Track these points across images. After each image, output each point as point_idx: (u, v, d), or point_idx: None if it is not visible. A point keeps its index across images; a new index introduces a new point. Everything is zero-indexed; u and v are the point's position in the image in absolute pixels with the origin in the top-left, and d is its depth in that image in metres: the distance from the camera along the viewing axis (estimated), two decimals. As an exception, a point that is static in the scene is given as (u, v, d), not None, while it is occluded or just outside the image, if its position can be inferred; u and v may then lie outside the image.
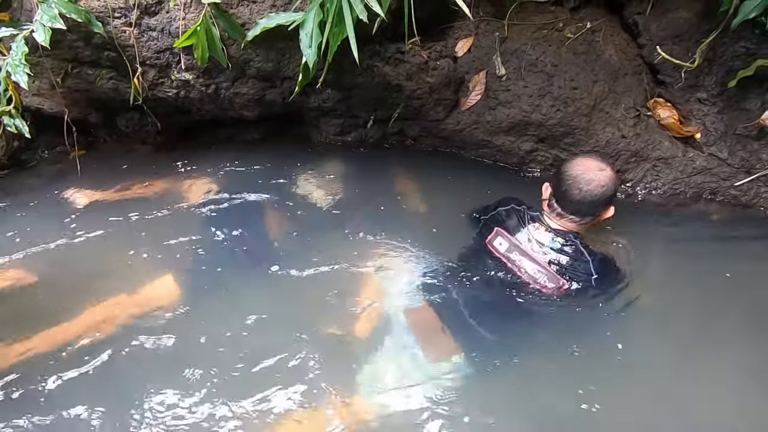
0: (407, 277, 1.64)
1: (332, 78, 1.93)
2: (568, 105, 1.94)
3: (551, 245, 1.46)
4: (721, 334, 1.50)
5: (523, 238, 1.50)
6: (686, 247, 1.81)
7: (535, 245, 1.48)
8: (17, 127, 1.90)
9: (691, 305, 1.59)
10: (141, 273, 1.66)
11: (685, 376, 1.39)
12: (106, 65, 1.96)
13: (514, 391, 1.34)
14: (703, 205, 1.96)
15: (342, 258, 1.71)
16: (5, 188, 2.09)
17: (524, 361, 1.39)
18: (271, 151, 2.33)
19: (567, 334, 1.45)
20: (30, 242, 1.78)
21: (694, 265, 1.72)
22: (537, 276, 1.46)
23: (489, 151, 2.18)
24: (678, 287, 1.65)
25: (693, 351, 1.46)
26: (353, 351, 1.43)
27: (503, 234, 1.54)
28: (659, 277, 1.70)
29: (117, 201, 2.01)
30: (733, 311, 1.55)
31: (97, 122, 2.24)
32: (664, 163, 1.98)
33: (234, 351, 1.42)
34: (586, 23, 1.95)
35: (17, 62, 1.65)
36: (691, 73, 1.87)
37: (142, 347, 1.42)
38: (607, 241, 1.71)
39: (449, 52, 2.00)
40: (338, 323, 1.50)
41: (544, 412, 1.30)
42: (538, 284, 1.46)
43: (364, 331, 1.49)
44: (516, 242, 1.51)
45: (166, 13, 1.83)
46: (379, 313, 1.54)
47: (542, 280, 1.46)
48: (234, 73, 1.96)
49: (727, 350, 1.45)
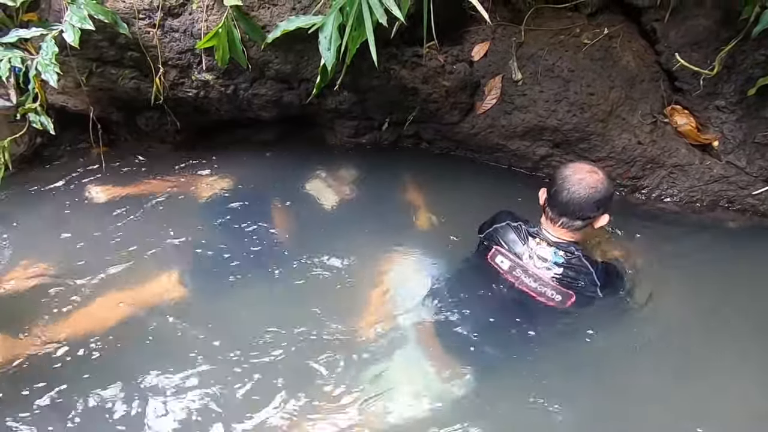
0: (416, 283, 1.63)
1: (349, 80, 1.95)
2: (585, 110, 1.94)
3: (554, 260, 1.43)
4: (733, 344, 1.48)
5: (525, 255, 1.47)
6: (701, 255, 1.80)
7: (537, 261, 1.45)
8: (42, 123, 1.95)
9: (705, 315, 1.58)
10: (151, 268, 1.68)
11: (698, 389, 1.37)
12: (128, 65, 2.01)
13: (525, 411, 1.32)
14: (720, 213, 1.95)
15: (352, 260, 1.72)
16: (27, 183, 2.14)
17: (534, 379, 1.37)
18: (286, 152, 2.36)
19: (576, 350, 1.43)
20: (50, 236, 1.83)
21: (709, 274, 1.71)
22: (543, 290, 1.43)
23: (503, 156, 2.18)
24: (693, 296, 1.64)
25: (706, 363, 1.44)
26: (360, 354, 1.43)
27: (503, 252, 1.51)
28: (672, 285, 1.68)
29: (134, 198, 2.05)
30: (749, 321, 1.54)
31: (118, 121, 2.29)
32: (681, 170, 1.97)
33: (236, 350, 1.43)
34: (603, 29, 1.96)
35: (47, 61, 1.70)
36: (710, 80, 1.86)
37: (146, 340, 1.45)
38: (603, 255, 1.70)
39: (465, 56, 2.01)
40: (345, 325, 1.51)
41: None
42: (543, 298, 1.44)
43: (368, 326, 1.50)
44: (517, 261, 1.48)
45: (189, 14, 1.87)
46: (386, 314, 1.54)
47: (549, 293, 1.43)
48: (253, 74, 1.99)
49: (738, 364, 1.43)
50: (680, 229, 1.91)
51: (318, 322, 1.51)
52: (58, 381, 1.33)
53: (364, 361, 1.41)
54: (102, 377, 1.35)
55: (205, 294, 1.62)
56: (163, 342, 1.45)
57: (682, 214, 1.96)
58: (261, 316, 1.54)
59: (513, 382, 1.38)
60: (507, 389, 1.37)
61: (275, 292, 1.64)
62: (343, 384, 1.35)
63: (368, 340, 1.48)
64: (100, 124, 2.14)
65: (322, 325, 1.51)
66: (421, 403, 1.31)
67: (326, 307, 1.56)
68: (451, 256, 1.70)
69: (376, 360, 1.41)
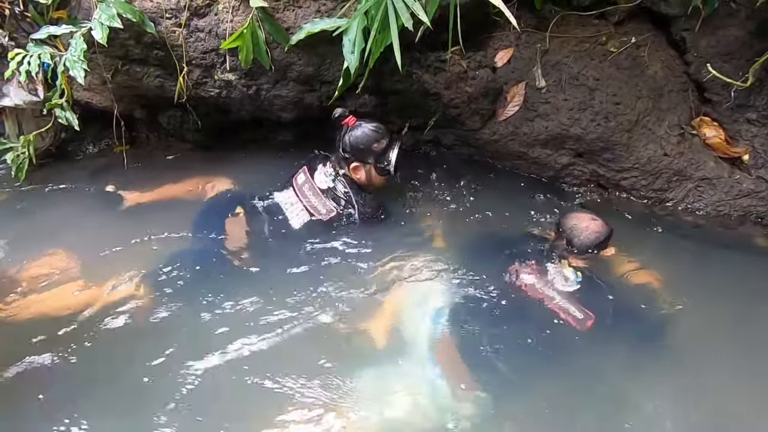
0: (429, 292, 1.61)
1: (371, 84, 1.95)
2: (609, 120, 1.90)
3: (576, 279, 1.56)
4: (748, 366, 1.42)
5: (551, 273, 1.58)
6: (727, 271, 1.74)
7: (560, 279, 1.56)
8: (68, 119, 1.98)
9: (727, 335, 1.52)
10: (157, 263, 1.67)
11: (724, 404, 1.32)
12: (153, 63, 2.03)
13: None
14: (749, 228, 1.89)
15: (363, 264, 1.70)
16: (52, 178, 2.18)
17: (552, 404, 1.33)
18: (305, 153, 2.35)
19: (598, 372, 1.40)
20: (70, 230, 1.84)
21: (734, 291, 1.65)
22: (567, 307, 1.49)
23: (524, 163, 2.15)
24: (716, 313, 1.58)
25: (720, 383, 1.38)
26: (369, 361, 1.41)
27: (525, 270, 1.60)
28: (695, 302, 1.62)
29: (156, 198, 2.06)
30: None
31: (141, 118, 2.32)
32: (708, 183, 1.91)
33: (241, 349, 1.41)
34: (630, 38, 1.92)
35: (75, 58, 1.73)
36: (742, 92, 1.81)
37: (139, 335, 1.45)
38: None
39: (488, 62, 1.99)
40: (354, 331, 1.49)
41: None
42: (568, 316, 1.47)
43: (380, 331, 1.48)
44: (543, 278, 1.58)
45: (215, 15, 1.89)
46: (398, 322, 1.51)
47: (572, 311, 1.48)
48: (275, 75, 2.00)
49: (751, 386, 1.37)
50: (706, 244, 1.85)
51: (325, 327, 1.50)
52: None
53: (373, 369, 1.39)
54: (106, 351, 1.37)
55: (195, 291, 1.59)
56: (153, 340, 1.44)
57: (709, 228, 1.91)
58: (261, 315, 1.51)
59: (530, 413, 1.33)
60: (522, 419, 1.32)
61: (283, 292, 1.60)
62: (348, 389, 1.33)
63: (380, 339, 1.46)
64: (123, 122, 2.17)
65: (330, 330, 1.49)
66: (421, 413, 1.28)
67: (333, 309, 1.55)
68: (468, 269, 1.67)
69: (387, 371, 1.39)
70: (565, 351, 1.43)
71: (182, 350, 1.40)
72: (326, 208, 1.81)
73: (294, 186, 1.88)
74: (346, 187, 1.82)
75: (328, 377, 1.35)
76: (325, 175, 1.85)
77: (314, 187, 1.84)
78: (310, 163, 1.92)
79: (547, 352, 1.42)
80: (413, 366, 1.40)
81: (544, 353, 1.42)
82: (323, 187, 1.84)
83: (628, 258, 1.71)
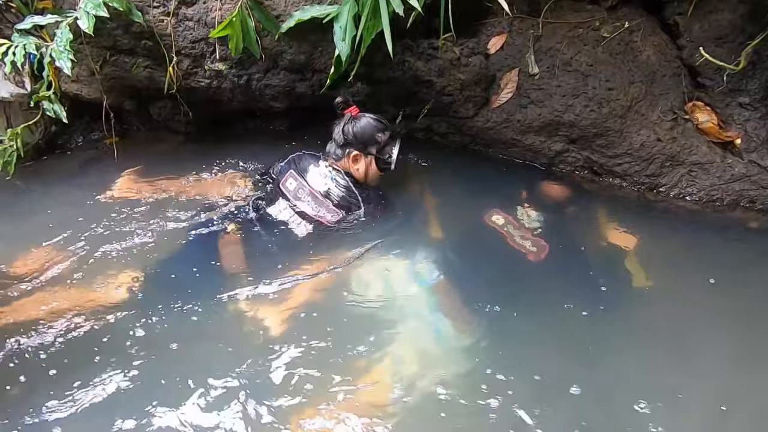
0: (418, 259, 1.68)
1: (363, 72, 1.93)
2: (603, 106, 1.90)
3: (538, 218, 1.84)
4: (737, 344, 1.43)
5: (518, 215, 1.84)
6: (720, 255, 1.75)
7: (525, 219, 1.84)
8: (56, 112, 1.95)
9: (718, 315, 1.53)
10: (149, 260, 1.65)
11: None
12: (142, 54, 2.00)
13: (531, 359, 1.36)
14: (741, 212, 1.90)
15: (364, 246, 1.70)
16: (41, 172, 2.15)
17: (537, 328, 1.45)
18: (298, 143, 2.34)
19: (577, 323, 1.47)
20: (61, 225, 1.82)
21: (727, 275, 1.66)
22: (523, 243, 1.73)
23: (518, 150, 2.15)
24: (708, 295, 1.59)
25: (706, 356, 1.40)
26: (372, 323, 1.45)
27: (499, 213, 1.84)
28: (689, 285, 1.64)
29: (146, 191, 2.03)
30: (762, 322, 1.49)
31: (131, 110, 2.29)
32: (701, 168, 1.92)
33: (243, 330, 1.42)
34: (623, 23, 1.91)
35: (62, 48, 1.70)
36: (734, 76, 1.81)
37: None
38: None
39: (481, 48, 1.97)
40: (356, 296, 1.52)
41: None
42: (525, 249, 1.70)
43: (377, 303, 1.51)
44: (510, 218, 1.83)
45: (203, 3, 1.86)
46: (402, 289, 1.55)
47: (528, 246, 1.72)
48: (266, 64, 1.98)
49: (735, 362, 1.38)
50: (699, 229, 1.86)
51: (325, 306, 1.51)
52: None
53: (376, 331, 1.42)
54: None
55: (185, 283, 1.58)
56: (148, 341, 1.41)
57: (702, 213, 1.91)
58: (262, 307, 1.51)
59: (519, 338, 1.43)
60: (512, 343, 1.41)
61: (280, 283, 1.59)
62: (353, 347, 1.37)
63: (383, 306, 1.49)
64: (113, 114, 2.14)
65: (332, 311, 1.50)
66: (430, 365, 1.33)
67: (334, 295, 1.55)
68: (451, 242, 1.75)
69: (390, 330, 1.43)
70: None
71: (179, 350, 1.39)
72: (331, 213, 1.74)
73: (285, 193, 1.78)
74: (345, 181, 1.76)
75: (332, 352, 1.36)
76: (320, 175, 1.78)
77: (312, 192, 1.75)
78: (298, 165, 1.82)
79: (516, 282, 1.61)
80: (415, 322, 1.45)
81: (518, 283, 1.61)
82: (322, 189, 1.76)
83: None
